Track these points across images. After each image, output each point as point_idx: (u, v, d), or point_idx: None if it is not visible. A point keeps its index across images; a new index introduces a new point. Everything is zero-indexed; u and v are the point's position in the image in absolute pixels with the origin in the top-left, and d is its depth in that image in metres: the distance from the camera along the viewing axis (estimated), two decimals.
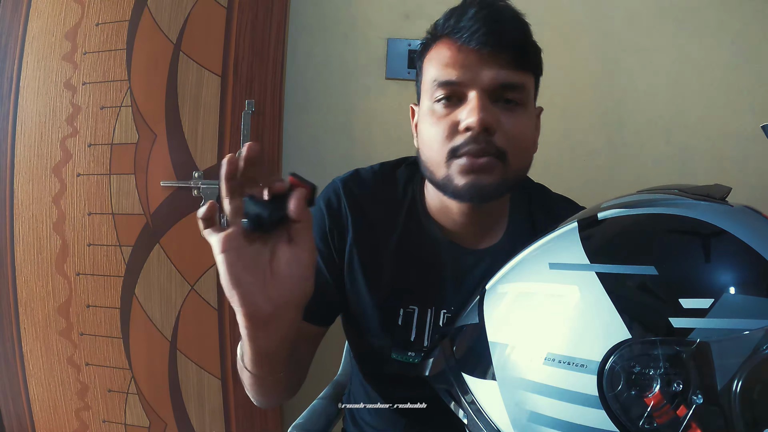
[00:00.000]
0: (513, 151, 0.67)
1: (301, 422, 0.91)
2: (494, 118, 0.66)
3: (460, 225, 0.75)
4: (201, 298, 1.37)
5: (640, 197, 0.52)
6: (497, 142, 0.66)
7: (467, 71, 0.66)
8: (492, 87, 0.66)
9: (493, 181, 0.66)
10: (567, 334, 0.44)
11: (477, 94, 0.65)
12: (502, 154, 0.66)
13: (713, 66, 1.49)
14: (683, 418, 0.38)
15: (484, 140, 0.65)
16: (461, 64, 0.67)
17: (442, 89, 0.68)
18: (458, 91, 0.67)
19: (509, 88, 0.67)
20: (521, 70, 0.67)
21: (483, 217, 0.75)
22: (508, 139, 0.66)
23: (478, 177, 0.66)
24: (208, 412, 1.39)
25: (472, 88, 0.66)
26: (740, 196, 0.48)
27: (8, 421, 1.43)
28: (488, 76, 0.66)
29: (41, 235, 1.37)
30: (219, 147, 1.35)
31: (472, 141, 0.65)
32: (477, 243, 0.77)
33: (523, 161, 0.71)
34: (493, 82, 0.66)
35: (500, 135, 0.66)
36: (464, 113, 0.66)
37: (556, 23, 1.49)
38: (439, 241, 0.77)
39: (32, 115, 1.36)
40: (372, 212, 0.77)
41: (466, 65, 0.66)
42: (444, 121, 0.68)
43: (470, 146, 0.65)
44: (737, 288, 0.41)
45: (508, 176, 0.68)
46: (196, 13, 1.34)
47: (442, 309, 0.76)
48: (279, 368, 0.60)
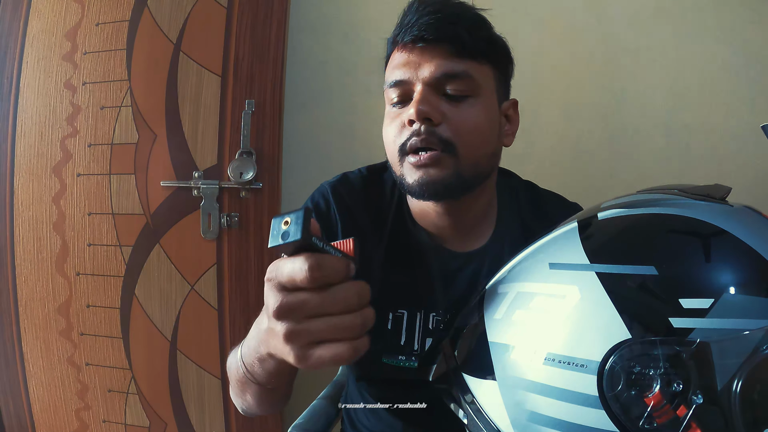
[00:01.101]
0: (463, 142, 0.66)
1: (301, 422, 0.91)
2: (435, 108, 0.66)
3: (441, 227, 0.75)
4: (201, 298, 1.37)
5: (640, 197, 0.52)
6: (443, 134, 0.66)
7: (409, 68, 0.68)
8: (432, 79, 0.67)
9: (445, 175, 0.66)
10: (567, 334, 0.44)
11: (420, 88, 0.66)
12: (450, 146, 0.66)
13: (713, 66, 1.49)
14: (683, 418, 0.38)
15: (426, 132, 0.65)
16: (405, 62, 0.68)
17: (393, 92, 0.70)
18: (407, 90, 0.68)
19: (452, 78, 0.67)
20: (464, 59, 0.67)
21: (462, 217, 0.75)
22: (456, 131, 0.66)
23: (426, 172, 0.66)
24: (208, 412, 1.39)
25: (416, 84, 0.67)
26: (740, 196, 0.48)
27: (8, 421, 1.43)
28: (428, 69, 0.67)
29: (41, 235, 1.37)
30: (219, 147, 1.35)
31: (415, 134, 0.66)
32: (463, 245, 0.77)
33: (478, 153, 0.69)
34: (433, 74, 0.67)
35: (446, 127, 0.66)
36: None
37: (556, 23, 1.49)
38: (426, 244, 0.77)
39: (32, 115, 1.36)
40: (360, 216, 0.77)
41: (409, 62, 0.68)
42: (396, 120, 0.69)
43: (413, 140, 0.66)
44: (737, 288, 0.41)
45: (461, 169, 0.67)
46: (196, 13, 1.34)
47: (431, 312, 0.75)
48: (293, 374, 0.61)
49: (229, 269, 1.36)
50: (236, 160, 1.33)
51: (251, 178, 1.32)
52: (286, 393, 0.68)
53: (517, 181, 0.86)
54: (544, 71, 1.47)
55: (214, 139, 1.35)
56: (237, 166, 1.33)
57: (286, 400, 0.70)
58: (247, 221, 1.36)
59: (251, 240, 1.36)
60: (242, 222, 1.36)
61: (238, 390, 0.64)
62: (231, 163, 1.33)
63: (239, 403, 0.67)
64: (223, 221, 1.34)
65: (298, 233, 0.38)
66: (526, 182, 0.86)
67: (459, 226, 0.75)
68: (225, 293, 1.37)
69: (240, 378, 0.60)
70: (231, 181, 1.33)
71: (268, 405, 0.66)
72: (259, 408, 0.66)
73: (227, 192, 1.35)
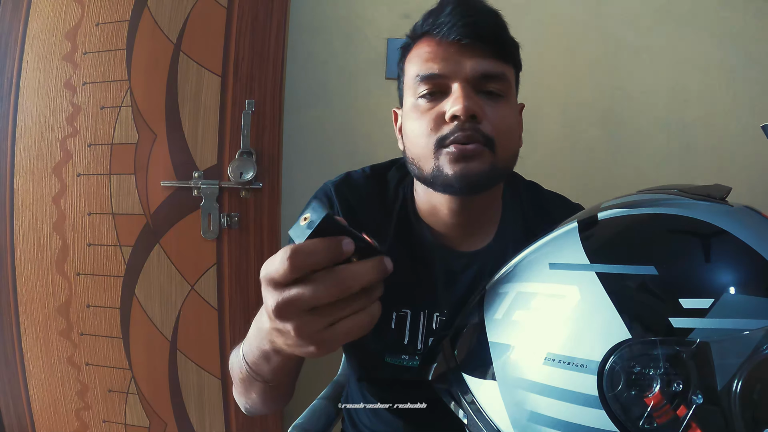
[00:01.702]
0: (500, 139, 0.68)
1: (301, 422, 0.91)
2: (479, 106, 0.66)
3: (449, 226, 0.75)
4: (201, 298, 1.37)
5: (640, 197, 0.52)
6: (484, 130, 0.66)
7: (449, 63, 0.68)
8: (474, 77, 0.67)
9: (483, 169, 0.67)
10: (567, 334, 0.44)
11: (460, 84, 0.66)
12: (490, 142, 0.67)
13: (713, 66, 1.49)
14: (683, 418, 0.38)
15: (471, 128, 0.66)
16: (442, 57, 0.68)
17: (424, 84, 0.69)
18: (441, 83, 0.68)
19: (491, 78, 0.68)
20: (501, 61, 0.69)
21: (473, 216, 0.75)
22: (495, 128, 0.67)
23: (467, 164, 0.66)
24: (208, 412, 1.39)
25: (454, 80, 0.67)
26: (740, 196, 0.48)
27: (8, 421, 1.43)
28: (470, 66, 0.67)
29: (41, 235, 1.37)
30: (219, 147, 1.35)
31: (459, 129, 0.66)
32: (468, 245, 0.77)
33: (510, 151, 0.71)
34: (475, 72, 0.67)
35: (486, 123, 0.67)
36: (449, 104, 0.66)
37: (556, 23, 1.49)
38: (430, 243, 0.77)
39: (32, 115, 1.36)
40: (364, 216, 0.77)
41: (447, 58, 0.68)
42: (429, 114, 0.69)
43: (458, 134, 0.66)
44: (737, 288, 0.41)
45: (497, 164, 0.68)
46: (196, 13, 1.34)
47: (434, 312, 0.75)
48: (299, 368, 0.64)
49: (229, 269, 1.36)
50: (236, 160, 1.33)
51: (251, 178, 1.32)
52: (290, 389, 0.69)
53: (521, 181, 0.86)
54: (544, 71, 1.47)
55: (214, 139, 1.35)
56: (237, 166, 1.33)
57: (290, 396, 0.70)
58: (247, 221, 1.36)
59: (251, 240, 1.36)
60: (242, 222, 1.36)
61: (242, 389, 0.64)
62: (231, 163, 1.33)
63: (242, 402, 0.67)
64: (223, 221, 1.34)
65: (321, 213, 0.38)
66: (529, 182, 0.87)
67: (467, 224, 0.75)
68: (225, 293, 1.37)
69: (244, 377, 0.60)
70: (231, 181, 1.33)
71: (273, 402, 0.66)
72: (264, 405, 0.66)
73: (227, 192, 1.35)
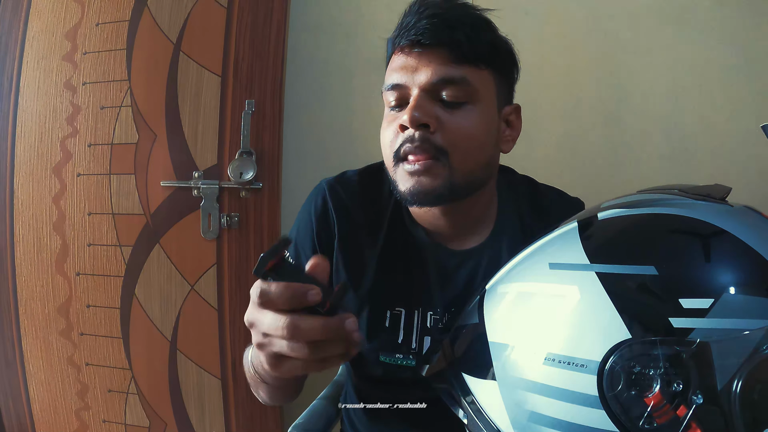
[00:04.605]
0: (456, 150, 0.66)
1: (301, 422, 0.91)
2: (429, 115, 0.65)
3: (439, 227, 0.75)
4: (201, 298, 1.37)
5: (640, 197, 0.52)
6: (437, 141, 0.65)
7: (406, 72, 0.67)
8: (429, 84, 0.66)
9: (437, 185, 0.66)
10: (567, 334, 0.44)
11: (416, 93, 0.66)
12: (443, 154, 0.65)
13: (713, 66, 1.49)
14: (683, 418, 0.38)
15: (420, 139, 0.65)
16: (402, 66, 0.68)
17: (390, 95, 0.69)
18: (403, 94, 0.68)
19: (448, 84, 0.66)
20: (462, 65, 0.66)
21: (460, 218, 0.74)
22: (450, 138, 0.65)
23: (419, 181, 0.66)
24: (208, 412, 1.39)
25: (413, 89, 0.66)
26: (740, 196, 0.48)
27: (8, 421, 1.43)
28: (424, 75, 0.66)
29: (41, 235, 1.37)
30: (219, 147, 1.35)
31: (409, 140, 0.65)
32: (461, 243, 0.76)
33: (472, 162, 0.68)
34: (429, 80, 0.66)
35: (442, 134, 0.65)
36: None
37: (556, 23, 1.49)
38: (423, 242, 0.76)
39: (32, 115, 1.36)
40: (357, 215, 0.77)
41: (407, 66, 0.67)
42: (392, 125, 0.68)
43: (407, 146, 0.65)
44: (737, 288, 0.41)
45: (454, 178, 0.66)
46: (196, 13, 1.34)
47: (428, 311, 0.75)
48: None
49: (229, 269, 1.36)
50: (236, 160, 1.33)
51: (251, 178, 1.32)
52: (296, 388, 0.74)
53: (516, 176, 0.86)
54: (544, 71, 1.47)
55: (214, 139, 1.35)
56: (237, 166, 1.33)
57: (297, 393, 0.76)
58: (247, 221, 1.36)
59: (251, 240, 1.36)
60: (242, 222, 1.36)
61: (252, 385, 0.70)
62: (231, 163, 1.33)
63: (255, 393, 0.73)
64: (223, 221, 1.34)
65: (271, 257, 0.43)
66: (523, 177, 0.86)
67: (457, 226, 0.75)
68: (225, 293, 1.37)
69: (251, 377, 0.66)
70: (231, 181, 1.33)
71: (280, 399, 0.74)
72: (272, 401, 0.73)
73: (227, 192, 1.35)
